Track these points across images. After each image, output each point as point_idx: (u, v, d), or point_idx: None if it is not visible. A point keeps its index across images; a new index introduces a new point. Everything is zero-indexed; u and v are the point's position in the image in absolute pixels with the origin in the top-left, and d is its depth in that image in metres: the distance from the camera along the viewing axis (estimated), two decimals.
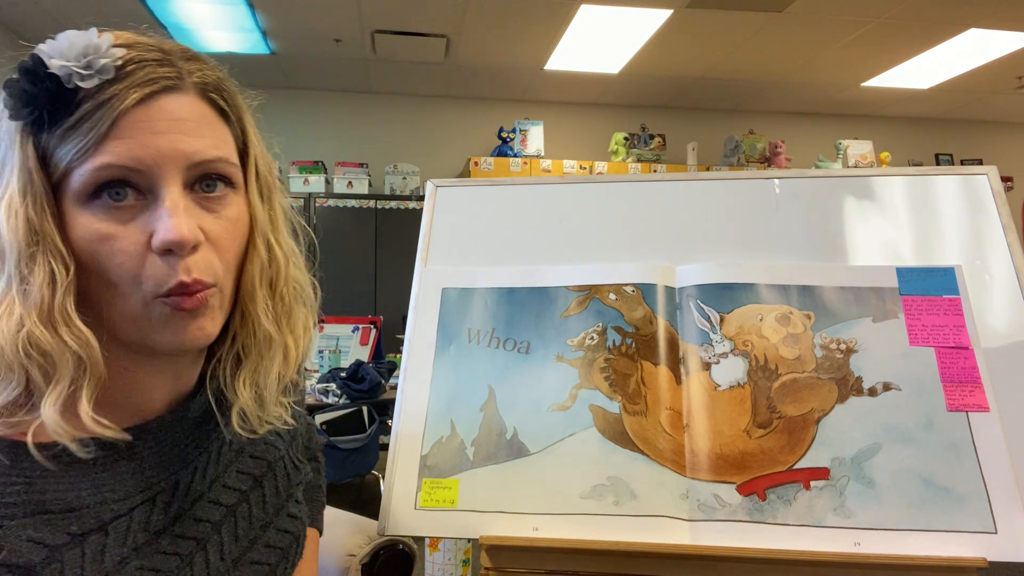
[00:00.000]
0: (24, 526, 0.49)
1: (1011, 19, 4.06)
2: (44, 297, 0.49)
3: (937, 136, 6.37)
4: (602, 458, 0.79)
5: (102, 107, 0.50)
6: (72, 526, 0.51)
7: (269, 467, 0.68)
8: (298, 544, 0.69)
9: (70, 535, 0.51)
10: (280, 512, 0.68)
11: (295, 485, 0.72)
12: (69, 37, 0.51)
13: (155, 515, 0.57)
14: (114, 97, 0.50)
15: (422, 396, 0.86)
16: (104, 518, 0.53)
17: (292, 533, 0.68)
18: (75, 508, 0.52)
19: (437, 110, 5.78)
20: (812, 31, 4.28)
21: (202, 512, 0.60)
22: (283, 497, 0.69)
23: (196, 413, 0.62)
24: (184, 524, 0.59)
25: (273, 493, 0.68)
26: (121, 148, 0.50)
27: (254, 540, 0.64)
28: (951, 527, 0.72)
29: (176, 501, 0.59)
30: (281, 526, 0.67)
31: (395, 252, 4.95)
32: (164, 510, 0.57)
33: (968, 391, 0.77)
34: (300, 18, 4.17)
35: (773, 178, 0.95)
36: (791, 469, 0.76)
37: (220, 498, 0.62)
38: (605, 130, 5.77)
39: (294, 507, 0.70)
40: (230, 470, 0.64)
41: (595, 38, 4.43)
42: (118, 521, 0.54)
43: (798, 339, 0.82)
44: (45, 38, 0.53)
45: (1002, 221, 0.86)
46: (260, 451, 0.68)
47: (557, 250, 0.94)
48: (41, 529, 0.50)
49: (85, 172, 0.50)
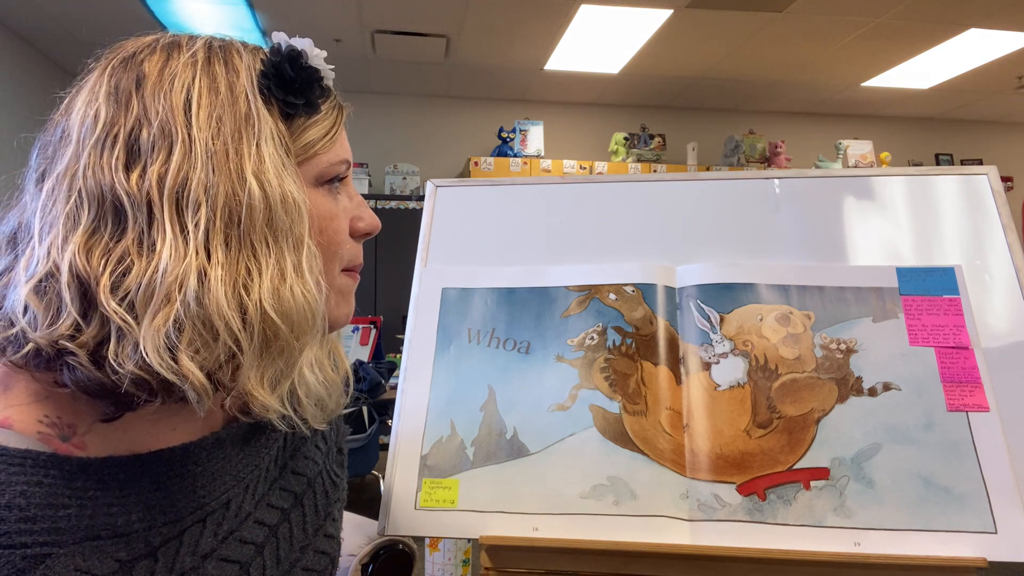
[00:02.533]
0: (73, 554, 0.46)
1: (1011, 19, 4.07)
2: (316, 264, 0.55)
3: (937, 136, 6.37)
4: (602, 458, 0.79)
5: (335, 109, 0.59)
6: (121, 552, 0.49)
7: (309, 484, 0.67)
8: (333, 566, 0.68)
9: (119, 562, 0.48)
10: (319, 532, 0.66)
11: (333, 503, 0.70)
12: (302, 42, 0.57)
13: (205, 537, 0.54)
14: (339, 104, 0.60)
15: (422, 396, 0.86)
16: (153, 543, 0.51)
17: (328, 554, 0.67)
18: (124, 533, 0.49)
19: (437, 110, 5.78)
20: (812, 31, 4.28)
21: (248, 533, 0.58)
22: (321, 516, 0.67)
23: (248, 426, 0.61)
24: (230, 546, 0.56)
25: (312, 512, 0.66)
26: (347, 148, 0.60)
27: (294, 563, 0.62)
28: (951, 527, 0.72)
29: (227, 522, 0.56)
30: (319, 547, 0.65)
31: (395, 252, 4.94)
32: (214, 532, 0.55)
33: (968, 391, 0.78)
34: (300, 18, 4.18)
35: (773, 178, 0.95)
36: (791, 469, 0.76)
37: (265, 518, 0.60)
38: (605, 130, 5.77)
39: (331, 527, 0.68)
40: (274, 488, 0.63)
41: (595, 38, 4.43)
42: (167, 546, 0.52)
43: (798, 339, 0.82)
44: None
45: (1002, 221, 0.87)
46: (301, 467, 0.67)
47: (557, 250, 0.94)
48: (89, 558, 0.47)
49: (332, 160, 0.58)
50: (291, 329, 0.50)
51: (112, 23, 4.09)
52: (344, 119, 0.60)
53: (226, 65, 0.53)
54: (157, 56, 0.52)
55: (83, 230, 0.47)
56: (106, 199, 0.47)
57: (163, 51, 0.52)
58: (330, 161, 0.58)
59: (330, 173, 0.58)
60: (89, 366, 0.46)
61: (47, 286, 0.47)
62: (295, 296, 0.51)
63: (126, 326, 0.46)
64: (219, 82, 0.52)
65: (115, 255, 0.47)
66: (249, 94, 0.52)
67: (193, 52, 0.52)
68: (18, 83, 4.45)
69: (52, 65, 4.81)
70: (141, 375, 0.46)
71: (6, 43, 4.34)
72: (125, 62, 0.52)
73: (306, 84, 0.55)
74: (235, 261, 0.49)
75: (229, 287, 0.48)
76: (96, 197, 0.47)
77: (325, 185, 0.58)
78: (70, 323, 0.46)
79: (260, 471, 0.61)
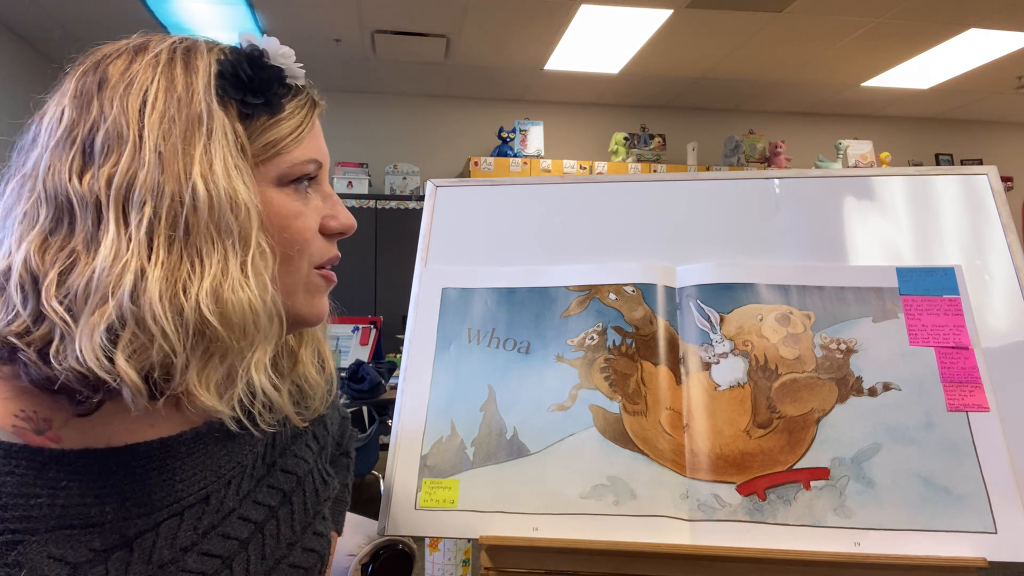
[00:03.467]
0: (45, 542, 0.48)
1: (1011, 19, 4.07)
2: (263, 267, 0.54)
3: (937, 136, 6.37)
4: (602, 458, 0.79)
5: (305, 107, 0.59)
6: (95, 542, 0.50)
7: (299, 482, 0.67)
8: (322, 563, 0.68)
9: (93, 551, 0.49)
10: (307, 530, 0.66)
11: (323, 501, 0.70)
12: (267, 41, 0.57)
13: (183, 531, 0.55)
14: (311, 102, 0.59)
15: (422, 396, 0.86)
16: (128, 534, 0.52)
17: (317, 552, 0.67)
18: (97, 523, 0.50)
19: (437, 110, 5.78)
20: (812, 31, 4.28)
21: (231, 529, 0.58)
22: (311, 514, 0.67)
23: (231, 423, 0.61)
24: (212, 541, 0.57)
25: (301, 510, 0.66)
26: (316, 147, 0.59)
27: (280, 559, 0.62)
28: (951, 527, 0.72)
29: (207, 516, 0.57)
30: (307, 545, 0.66)
31: (395, 252, 4.95)
32: (193, 526, 0.56)
33: (968, 391, 0.78)
34: (300, 18, 4.18)
35: (773, 178, 0.95)
36: (791, 469, 0.76)
37: (250, 514, 0.60)
38: (605, 130, 5.77)
39: (321, 524, 0.69)
40: (261, 485, 0.63)
41: (595, 38, 4.43)
42: (143, 537, 0.52)
43: (798, 339, 0.82)
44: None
45: (1002, 221, 0.87)
46: (291, 465, 0.67)
47: (557, 250, 0.94)
48: (63, 546, 0.48)
49: (295, 160, 0.57)
50: (230, 330, 0.50)
51: (112, 23, 4.09)
52: (314, 118, 0.60)
53: (186, 66, 0.53)
54: (122, 59, 0.53)
55: (39, 230, 0.49)
56: (60, 200, 0.49)
57: (128, 53, 0.54)
58: (294, 160, 0.57)
59: (295, 172, 0.57)
60: (38, 362, 0.48)
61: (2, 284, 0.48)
62: (236, 296, 0.50)
63: (63, 325, 0.47)
64: (176, 83, 0.52)
65: (63, 254, 0.48)
66: (203, 95, 0.53)
67: (156, 54, 0.53)
68: (17, 83, 4.45)
69: (52, 65, 4.80)
70: (80, 372, 0.47)
71: (6, 43, 4.34)
72: (94, 65, 0.53)
73: (264, 83, 0.55)
74: (177, 261, 0.49)
75: (165, 286, 0.48)
76: (52, 198, 0.49)
77: (292, 184, 0.58)
78: (20, 321, 0.47)
79: (244, 468, 0.61)
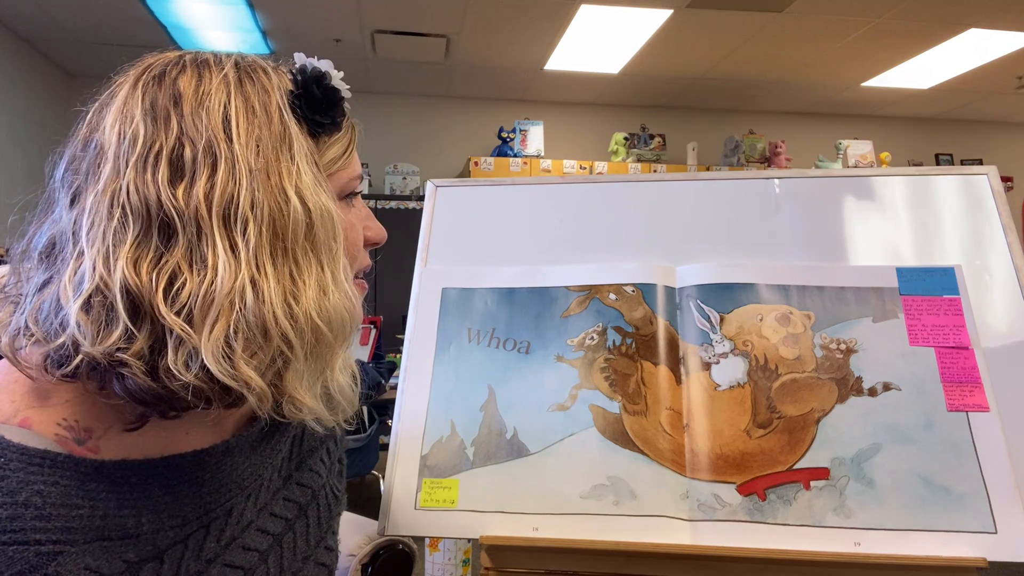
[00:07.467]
0: (83, 553, 0.48)
1: (1011, 19, 4.07)
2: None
3: (937, 136, 6.37)
4: (602, 458, 0.79)
5: (351, 129, 0.62)
6: (129, 553, 0.51)
7: (313, 496, 0.68)
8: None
9: (126, 563, 0.50)
10: (320, 544, 0.68)
11: (335, 516, 0.72)
12: (325, 64, 0.59)
13: (208, 543, 0.56)
14: (352, 123, 0.63)
15: (422, 396, 0.86)
16: (160, 546, 0.53)
17: (327, 566, 0.68)
18: (132, 535, 0.51)
19: (437, 110, 5.78)
20: (812, 31, 4.28)
21: (251, 541, 0.60)
22: (324, 529, 0.69)
23: (255, 436, 0.62)
24: (234, 553, 0.58)
25: (315, 524, 0.68)
26: (358, 163, 0.63)
27: (296, 572, 0.64)
28: (951, 527, 0.72)
29: (229, 528, 0.58)
30: (320, 559, 0.67)
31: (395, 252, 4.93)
32: (217, 538, 0.57)
33: (968, 391, 0.78)
34: (300, 18, 4.18)
35: (773, 178, 0.95)
36: (791, 469, 0.76)
37: (268, 527, 0.62)
38: (605, 130, 5.77)
39: (331, 540, 0.70)
40: (277, 497, 0.64)
41: (595, 38, 4.43)
42: (173, 549, 0.53)
43: (798, 339, 0.82)
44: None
45: (1002, 221, 0.86)
46: (306, 479, 0.68)
47: (557, 250, 0.94)
48: (99, 557, 0.49)
49: (350, 175, 0.61)
50: (334, 335, 0.53)
51: (113, 24, 4.09)
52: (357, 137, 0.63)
53: (256, 85, 0.55)
54: (189, 75, 0.53)
55: (129, 245, 0.48)
56: (152, 214, 0.48)
57: (194, 69, 0.54)
58: (349, 176, 0.61)
59: (349, 188, 0.61)
60: (144, 376, 0.48)
61: (95, 300, 0.48)
62: (334, 302, 0.54)
63: (186, 335, 0.47)
64: (253, 101, 0.54)
65: (166, 268, 0.48)
66: (284, 113, 0.55)
67: (224, 72, 0.54)
68: (18, 83, 4.45)
69: (52, 66, 4.81)
70: (199, 383, 0.47)
71: (6, 43, 4.34)
72: (158, 79, 0.53)
73: (331, 104, 0.58)
74: (283, 271, 0.51)
75: (280, 297, 0.50)
76: (141, 213, 0.48)
77: (345, 199, 0.61)
78: (119, 335, 0.47)
79: (263, 480, 0.62)
